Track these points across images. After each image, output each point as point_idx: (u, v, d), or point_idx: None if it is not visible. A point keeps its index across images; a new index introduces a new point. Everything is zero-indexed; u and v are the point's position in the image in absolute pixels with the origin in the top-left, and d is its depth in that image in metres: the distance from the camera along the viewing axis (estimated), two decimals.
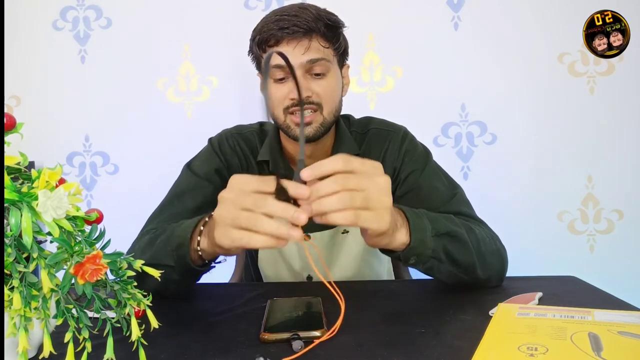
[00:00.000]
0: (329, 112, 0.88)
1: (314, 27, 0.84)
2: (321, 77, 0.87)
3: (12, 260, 0.42)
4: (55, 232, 0.43)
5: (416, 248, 0.67)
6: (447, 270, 0.74)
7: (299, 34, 0.84)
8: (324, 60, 0.86)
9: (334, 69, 0.89)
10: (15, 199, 0.42)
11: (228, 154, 0.98)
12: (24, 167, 0.48)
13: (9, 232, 0.42)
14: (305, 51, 0.84)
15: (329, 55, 0.88)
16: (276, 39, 0.85)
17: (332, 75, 0.89)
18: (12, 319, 0.43)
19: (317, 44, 0.86)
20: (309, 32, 0.84)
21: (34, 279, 0.44)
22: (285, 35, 0.84)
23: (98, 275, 0.44)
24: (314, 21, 0.84)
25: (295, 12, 0.85)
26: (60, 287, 0.43)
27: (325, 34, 0.86)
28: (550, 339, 0.52)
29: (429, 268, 0.72)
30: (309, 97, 0.86)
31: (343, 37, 0.92)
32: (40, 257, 0.43)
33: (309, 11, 0.86)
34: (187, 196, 0.92)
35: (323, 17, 0.86)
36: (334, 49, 0.89)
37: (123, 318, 0.47)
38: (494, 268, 0.80)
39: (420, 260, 0.69)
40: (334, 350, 0.55)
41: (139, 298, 0.48)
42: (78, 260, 0.43)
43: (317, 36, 0.86)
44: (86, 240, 0.45)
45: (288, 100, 0.86)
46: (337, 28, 0.89)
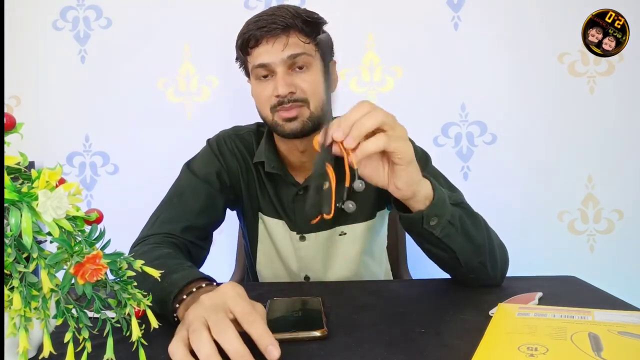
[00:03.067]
0: (315, 105, 0.88)
1: (291, 23, 0.85)
2: (304, 71, 0.87)
3: (12, 260, 0.42)
4: (55, 232, 0.43)
5: (438, 207, 0.69)
6: (461, 243, 0.74)
7: (277, 30, 0.85)
8: (305, 54, 0.87)
9: (316, 64, 0.89)
10: (15, 199, 0.42)
11: (227, 155, 0.98)
12: (24, 167, 0.48)
13: (9, 232, 0.42)
14: (284, 47, 0.85)
15: (310, 50, 0.88)
16: (255, 38, 0.86)
17: (316, 69, 0.89)
18: (12, 319, 0.43)
19: (296, 39, 0.86)
20: (286, 29, 0.85)
21: (34, 279, 0.44)
22: (263, 34, 0.85)
23: (98, 275, 0.44)
24: (291, 18, 0.86)
25: (272, 11, 0.87)
26: (60, 287, 0.43)
27: (303, 30, 0.87)
28: (550, 339, 0.52)
29: (446, 235, 0.72)
30: (293, 93, 0.86)
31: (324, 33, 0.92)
32: (40, 257, 0.43)
33: (286, 9, 0.87)
34: (187, 196, 0.92)
35: (301, 13, 0.88)
36: (315, 44, 0.89)
37: (123, 318, 0.47)
38: (499, 260, 0.80)
39: (440, 222, 0.70)
40: (334, 350, 0.55)
41: (139, 298, 0.48)
42: (78, 260, 0.43)
43: (295, 32, 0.86)
44: (86, 240, 0.45)
45: (274, 99, 0.87)
46: (316, 24, 0.90)
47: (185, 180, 0.95)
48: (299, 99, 0.86)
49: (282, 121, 0.87)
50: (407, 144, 0.63)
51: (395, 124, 0.61)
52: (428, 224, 0.70)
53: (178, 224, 0.88)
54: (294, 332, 0.58)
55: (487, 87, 1.60)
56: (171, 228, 0.87)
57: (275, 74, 0.86)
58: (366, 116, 0.59)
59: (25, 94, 1.66)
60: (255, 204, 1.00)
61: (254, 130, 1.02)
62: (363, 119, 0.58)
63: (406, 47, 1.61)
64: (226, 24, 1.62)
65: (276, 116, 0.88)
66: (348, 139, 0.57)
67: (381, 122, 0.59)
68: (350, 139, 0.57)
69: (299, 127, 0.87)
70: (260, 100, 0.89)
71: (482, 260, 0.77)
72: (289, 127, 0.87)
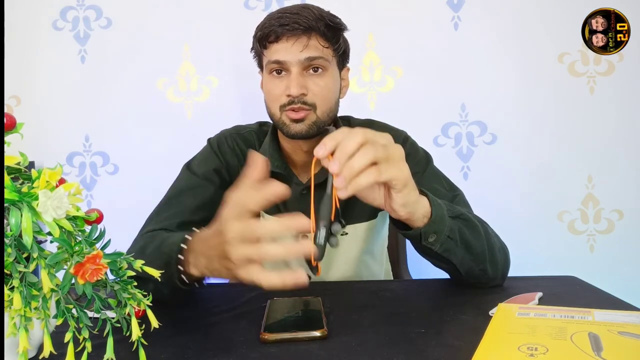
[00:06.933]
0: (322, 111, 0.88)
1: (314, 25, 0.85)
2: (318, 75, 0.87)
3: (12, 260, 0.42)
4: (55, 232, 0.43)
5: (437, 223, 0.68)
6: (461, 255, 0.73)
7: (299, 31, 0.85)
8: (322, 59, 0.87)
9: (332, 69, 0.90)
10: (15, 199, 0.42)
11: (227, 154, 0.98)
12: (24, 167, 0.48)
13: (9, 232, 0.42)
14: (304, 48, 0.85)
15: (328, 55, 0.88)
16: (276, 35, 0.86)
17: (330, 75, 0.89)
18: (12, 319, 0.43)
19: (316, 43, 0.86)
20: (308, 30, 0.85)
21: (34, 279, 0.44)
22: (285, 32, 0.85)
23: (98, 275, 0.44)
24: (314, 20, 0.85)
25: (297, 10, 0.86)
26: (60, 287, 0.43)
27: (325, 34, 0.87)
28: (550, 339, 0.52)
29: (445, 250, 0.71)
30: (304, 95, 0.86)
31: (344, 39, 0.93)
32: (40, 257, 0.43)
33: (311, 10, 0.87)
34: (185, 195, 0.92)
35: (325, 17, 0.87)
36: (334, 49, 0.90)
37: (123, 318, 0.47)
38: (500, 264, 0.80)
39: (439, 238, 0.69)
40: (334, 350, 0.55)
41: (139, 298, 0.48)
42: (78, 260, 0.43)
43: (316, 35, 0.86)
44: (86, 240, 0.45)
45: (285, 97, 0.87)
46: (338, 29, 0.90)
47: (184, 180, 0.95)
48: (309, 102, 0.86)
49: (289, 121, 0.88)
50: (400, 169, 0.60)
51: (388, 151, 0.58)
52: (427, 240, 0.69)
53: (174, 220, 0.88)
54: (294, 332, 0.58)
55: (487, 87, 1.60)
56: (168, 224, 0.87)
57: (289, 72, 0.86)
58: (359, 154, 0.55)
59: (25, 94, 1.66)
60: None
61: (256, 130, 1.02)
62: (355, 158, 0.55)
63: (406, 47, 1.61)
64: (226, 24, 1.62)
65: (284, 115, 0.88)
66: (339, 180, 0.55)
67: (373, 158, 0.56)
68: (341, 179, 0.55)
69: (304, 130, 0.87)
70: (271, 96, 0.89)
71: (482, 268, 0.77)
72: (294, 128, 0.87)
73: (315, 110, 0.88)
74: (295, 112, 0.86)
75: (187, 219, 0.89)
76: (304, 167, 0.97)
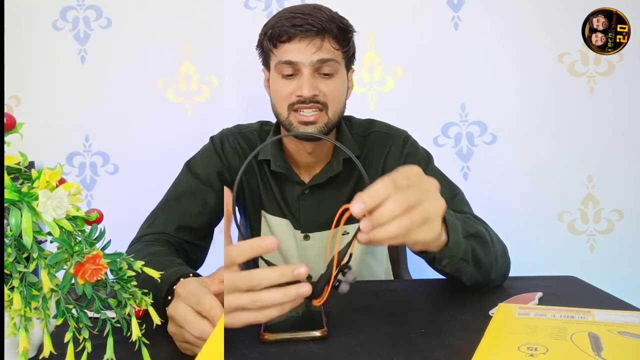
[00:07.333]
0: (333, 112, 0.89)
1: (327, 27, 0.85)
2: (329, 77, 0.87)
3: (12, 260, 0.42)
4: (55, 232, 0.43)
5: (452, 249, 0.64)
6: (470, 271, 0.72)
7: (312, 32, 0.84)
8: (334, 61, 0.87)
9: (342, 71, 0.90)
10: (15, 199, 0.42)
11: (229, 153, 0.98)
12: (24, 167, 0.48)
13: (9, 232, 0.42)
14: (317, 50, 0.85)
15: (338, 57, 0.88)
16: (288, 35, 0.85)
17: (339, 77, 0.89)
18: (12, 319, 0.43)
19: (328, 45, 0.86)
20: (321, 32, 0.85)
21: (34, 279, 0.44)
22: (298, 33, 0.84)
23: (98, 275, 0.44)
24: (327, 22, 0.85)
25: (309, 11, 0.86)
26: (60, 287, 0.43)
27: (337, 36, 0.87)
28: (550, 339, 0.52)
29: (456, 270, 0.70)
30: (316, 95, 0.86)
31: (352, 42, 0.93)
32: (40, 257, 0.43)
33: (323, 12, 0.87)
34: (185, 199, 0.92)
35: (336, 19, 0.87)
36: (344, 51, 0.90)
37: (123, 318, 0.47)
38: (502, 267, 0.80)
39: (451, 262, 0.67)
40: (334, 350, 0.55)
41: (139, 297, 0.48)
42: (78, 260, 0.43)
43: (329, 37, 0.86)
44: (86, 240, 0.45)
45: (294, 97, 0.86)
46: (348, 32, 0.90)
47: (185, 182, 0.95)
48: (320, 101, 0.86)
49: (298, 123, 0.87)
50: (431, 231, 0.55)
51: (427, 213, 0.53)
52: (440, 263, 0.67)
53: (173, 224, 0.88)
54: (294, 332, 0.58)
55: (487, 87, 1.59)
56: (166, 228, 0.87)
57: (300, 73, 0.86)
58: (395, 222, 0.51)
59: (25, 94, 1.66)
60: (257, 202, 1.00)
61: (257, 129, 1.02)
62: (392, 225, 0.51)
63: (406, 47, 1.61)
64: (226, 24, 1.62)
65: (292, 116, 0.88)
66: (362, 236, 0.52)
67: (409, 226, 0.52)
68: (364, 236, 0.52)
69: (315, 132, 0.87)
70: (279, 96, 0.89)
71: (488, 278, 0.77)
72: (303, 130, 0.87)
73: (326, 111, 0.88)
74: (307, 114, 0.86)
75: (185, 223, 0.89)
76: (306, 167, 0.97)
